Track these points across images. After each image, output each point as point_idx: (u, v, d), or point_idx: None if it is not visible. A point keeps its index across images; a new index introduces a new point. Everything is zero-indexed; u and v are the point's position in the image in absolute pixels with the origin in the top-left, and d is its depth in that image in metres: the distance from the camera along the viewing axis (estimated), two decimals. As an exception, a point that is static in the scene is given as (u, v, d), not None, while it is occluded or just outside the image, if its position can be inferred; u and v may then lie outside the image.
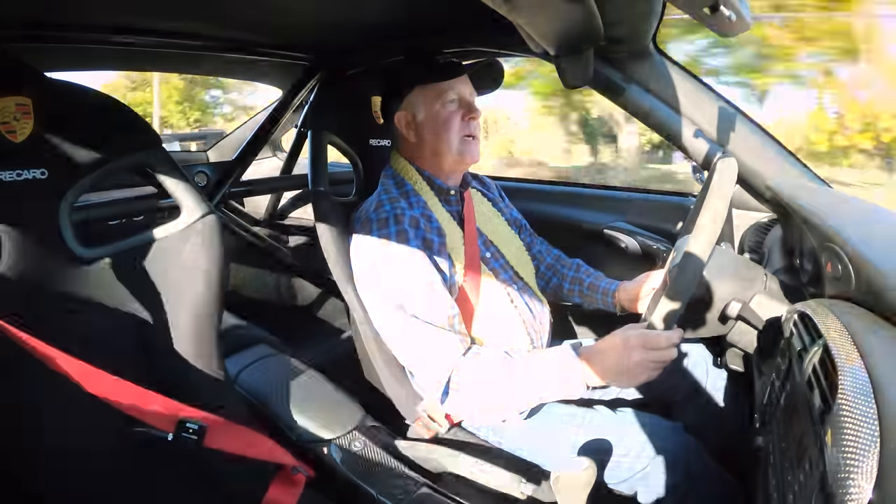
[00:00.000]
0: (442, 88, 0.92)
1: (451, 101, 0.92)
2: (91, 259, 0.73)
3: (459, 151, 0.93)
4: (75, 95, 0.70)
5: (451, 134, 0.92)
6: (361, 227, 0.87)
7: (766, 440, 0.57)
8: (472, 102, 0.94)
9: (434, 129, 0.92)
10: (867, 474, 0.33)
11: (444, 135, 0.92)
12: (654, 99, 0.99)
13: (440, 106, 0.92)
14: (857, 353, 0.44)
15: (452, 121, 0.92)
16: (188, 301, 0.79)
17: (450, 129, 0.92)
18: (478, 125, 0.95)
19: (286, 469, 0.78)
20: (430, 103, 0.92)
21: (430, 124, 0.93)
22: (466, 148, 0.93)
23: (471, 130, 0.93)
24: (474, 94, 0.97)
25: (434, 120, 0.92)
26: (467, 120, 0.93)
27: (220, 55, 1.23)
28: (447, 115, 0.92)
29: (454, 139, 0.92)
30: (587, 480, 0.63)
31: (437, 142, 0.93)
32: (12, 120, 0.63)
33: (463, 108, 0.93)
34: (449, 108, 0.92)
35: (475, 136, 0.95)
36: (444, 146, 0.92)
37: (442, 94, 0.92)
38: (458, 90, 0.93)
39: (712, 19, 0.60)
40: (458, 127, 0.92)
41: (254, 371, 1.06)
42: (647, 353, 0.67)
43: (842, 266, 0.59)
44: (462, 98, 0.93)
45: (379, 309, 0.84)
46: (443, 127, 0.92)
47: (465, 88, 0.94)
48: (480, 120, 0.97)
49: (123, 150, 0.74)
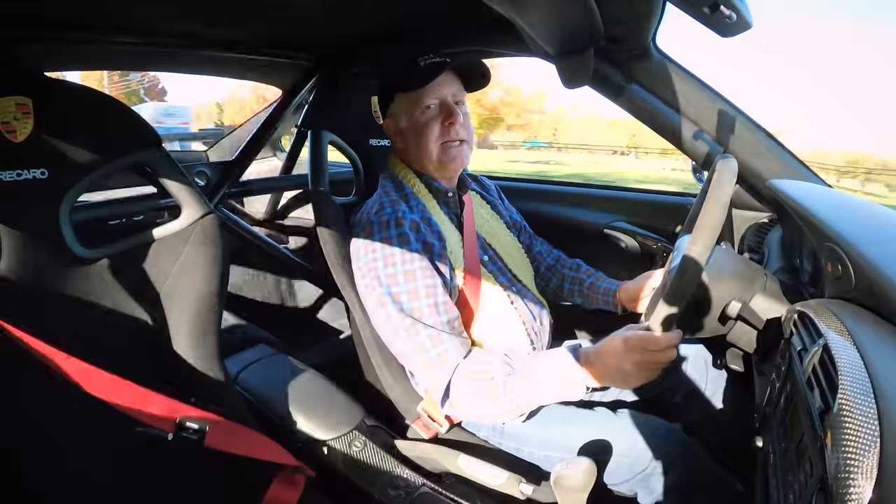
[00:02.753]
0: (420, 95, 0.90)
1: (428, 108, 0.90)
2: (91, 259, 0.73)
3: (440, 159, 0.92)
4: (75, 95, 0.70)
5: (430, 141, 0.90)
6: (362, 230, 0.87)
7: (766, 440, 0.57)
8: (452, 106, 0.91)
9: (415, 136, 0.92)
10: (867, 474, 0.33)
11: (423, 142, 0.91)
12: (655, 99, 1.00)
13: (419, 113, 0.90)
14: (857, 353, 0.44)
15: (430, 128, 0.90)
16: (188, 301, 0.79)
17: (428, 137, 0.90)
18: (463, 128, 0.92)
19: (286, 469, 0.78)
20: (410, 111, 0.91)
21: (411, 132, 0.92)
22: (447, 155, 0.92)
23: (452, 136, 0.91)
24: (461, 93, 0.94)
25: (414, 127, 0.92)
26: (447, 126, 0.90)
27: (220, 55, 1.23)
28: (425, 122, 0.90)
29: (433, 147, 0.91)
30: (587, 480, 0.63)
31: (419, 149, 0.92)
32: (12, 120, 0.63)
33: (442, 114, 0.91)
34: (427, 115, 0.90)
35: (462, 140, 0.92)
36: (423, 153, 0.92)
37: (419, 100, 0.90)
38: (438, 94, 0.90)
39: (712, 19, 0.60)
40: (437, 134, 0.90)
41: (254, 371, 1.06)
42: (646, 355, 0.68)
43: (842, 266, 0.59)
44: (442, 102, 0.91)
45: (379, 311, 0.84)
46: (421, 134, 0.91)
47: (447, 91, 0.91)
48: (470, 122, 0.95)
49: (123, 150, 0.74)
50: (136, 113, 0.77)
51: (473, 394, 0.77)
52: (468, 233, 0.95)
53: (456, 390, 0.79)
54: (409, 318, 0.80)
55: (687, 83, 0.98)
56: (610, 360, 0.71)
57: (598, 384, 0.73)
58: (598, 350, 0.73)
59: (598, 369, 0.72)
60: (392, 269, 0.81)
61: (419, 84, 0.89)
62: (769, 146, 1.00)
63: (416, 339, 0.79)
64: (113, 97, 0.75)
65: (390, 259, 0.82)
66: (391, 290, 0.81)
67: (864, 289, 0.55)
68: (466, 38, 1.10)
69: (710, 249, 0.60)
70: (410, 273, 0.81)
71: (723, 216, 0.61)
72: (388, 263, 0.82)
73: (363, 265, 0.85)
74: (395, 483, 0.82)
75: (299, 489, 0.77)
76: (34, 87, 0.65)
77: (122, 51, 1.14)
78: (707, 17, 0.60)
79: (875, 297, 0.53)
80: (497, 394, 0.76)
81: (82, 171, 0.70)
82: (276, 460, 0.77)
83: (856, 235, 0.61)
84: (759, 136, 0.99)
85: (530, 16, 0.66)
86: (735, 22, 0.60)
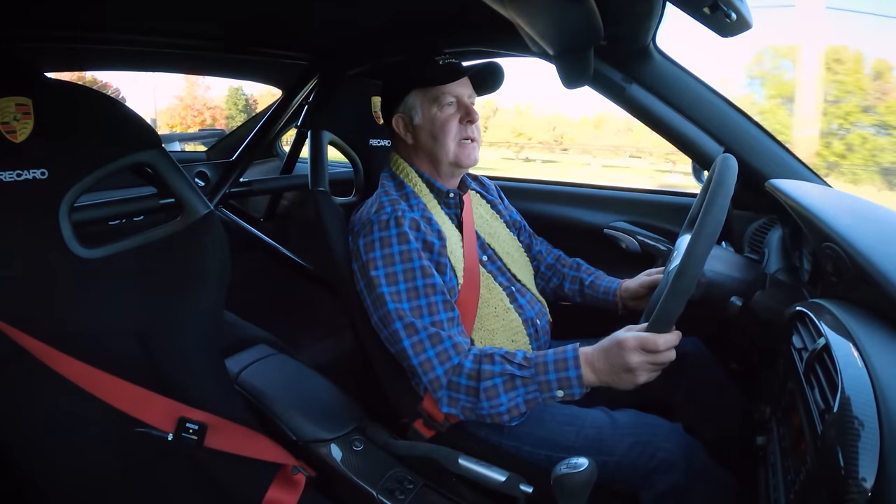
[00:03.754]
0: (439, 91, 0.90)
1: (448, 105, 0.91)
2: (91, 259, 0.73)
3: (456, 155, 0.92)
4: (75, 95, 0.70)
5: (448, 138, 0.91)
6: (362, 229, 0.87)
7: (767, 439, 0.57)
8: (469, 105, 0.92)
9: (431, 133, 0.92)
10: (868, 473, 0.33)
11: (441, 139, 0.91)
12: (655, 99, 1.00)
13: (437, 109, 0.91)
14: (857, 353, 0.44)
15: (449, 125, 0.91)
16: (188, 301, 0.79)
17: (447, 134, 0.91)
18: (476, 128, 0.94)
19: (286, 469, 0.78)
20: (427, 107, 0.91)
21: (426, 128, 0.92)
22: (463, 152, 0.92)
23: (468, 134, 0.92)
24: (473, 95, 0.95)
25: (431, 123, 0.91)
26: (465, 123, 0.91)
27: (219, 55, 1.23)
28: (444, 119, 0.91)
29: (451, 144, 0.91)
30: (587, 480, 0.63)
31: (434, 146, 0.92)
32: (12, 120, 0.63)
33: (461, 112, 0.91)
34: (446, 112, 0.91)
35: (474, 140, 0.93)
36: (440, 150, 0.92)
37: (439, 97, 0.90)
38: (456, 93, 0.91)
39: (712, 19, 0.60)
40: (456, 131, 0.91)
41: (254, 371, 1.06)
42: (644, 356, 0.68)
43: (842, 266, 0.59)
44: (460, 101, 0.92)
45: (379, 310, 0.84)
46: (440, 131, 0.91)
47: (464, 91, 0.92)
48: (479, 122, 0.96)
49: (123, 150, 0.74)
50: (137, 113, 0.77)
51: (473, 393, 0.77)
52: (468, 232, 0.95)
53: (455, 390, 0.79)
54: (408, 317, 0.80)
55: (687, 83, 0.98)
56: (609, 360, 0.71)
57: (597, 384, 0.73)
58: (597, 350, 0.73)
59: (598, 369, 0.72)
60: (391, 268, 0.81)
61: (444, 80, 0.89)
62: (769, 146, 1.00)
63: (416, 338, 0.79)
64: (113, 97, 0.75)
65: (389, 258, 0.82)
66: (390, 289, 0.81)
67: (864, 289, 0.55)
68: (467, 37, 1.10)
69: (710, 249, 0.60)
70: (409, 272, 0.81)
71: (723, 216, 0.61)
72: (387, 262, 0.82)
73: (362, 264, 0.85)
74: (395, 483, 0.82)
75: (299, 489, 0.77)
76: (34, 87, 0.65)
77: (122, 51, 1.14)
78: (707, 17, 0.60)
79: (875, 298, 0.53)
80: (497, 393, 0.76)
81: (82, 172, 0.70)
82: (276, 460, 0.77)
83: (856, 235, 0.61)
84: (759, 136, 0.99)
85: (530, 16, 0.66)
86: (735, 22, 0.60)
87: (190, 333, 0.80)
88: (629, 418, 0.85)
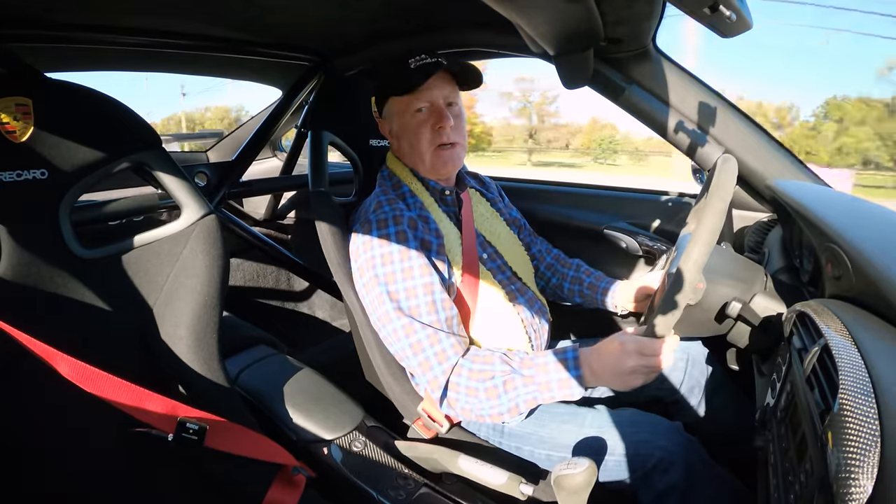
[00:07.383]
0: (410, 98, 0.90)
1: (418, 111, 0.90)
2: (91, 259, 0.73)
3: (432, 163, 0.92)
4: (75, 95, 0.70)
5: (421, 145, 0.91)
6: (360, 228, 0.87)
7: (766, 440, 0.57)
8: (442, 109, 0.90)
9: (407, 140, 0.92)
10: (868, 473, 0.33)
11: (415, 146, 0.91)
12: (655, 99, 1.00)
13: (409, 117, 0.91)
14: (857, 353, 0.44)
15: (420, 132, 0.90)
16: (188, 301, 0.79)
17: (419, 141, 0.90)
18: (455, 131, 0.91)
19: (286, 469, 0.78)
20: (401, 114, 0.92)
21: (403, 134, 0.93)
22: (439, 160, 0.91)
23: (443, 139, 0.90)
24: (454, 94, 0.93)
25: (405, 130, 0.92)
26: (437, 129, 0.90)
27: (220, 55, 1.23)
28: (415, 126, 0.90)
29: (424, 150, 0.91)
30: (587, 480, 0.63)
31: (411, 152, 0.93)
32: (12, 120, 0.63)
33: (433, 118, 0.90)
34: (418, 119, 0.90)
35: (454, 143, 0.92)
36: (416, 156, 0.92)
37: (410, 104, 0.90)
38: (428, 97, 0.90)
39: (712, 19, 0.60)
40: (428, 138, 0.90)
41: (254, 371, 1.06)
42: (642, 360, 0.68)
43: (842, 266, 0.59)
44: (433, 105, 0.90)
45: (378, 309, 0.84)
46: (413, 138, 0.91)
47: (439, 92, 0.90)
48: (464, 122, 0.94)
49: (123, 150, 0.74)
50: (137, 113, 0.77)
51: (472, 393, 0.77)
52: (467, 230, 0.95)
53: (454, 389, 0.79)
54: (406, 316, 0.80)
55: (687, 83, 0.98)
56: (608, 362, 0.71)
57: (595, 384, 0.74)
58: (596, 351, 0.73)
59: (596, 370, 0.72)
60: (390, 266, 0.82)
61: (408, 88, 0.89)
62: (769, 146, 1.00)
63: (414, 337, 0.79)
64: (113, 98, 0.75)
65: (388, 257, 0.82)
66: (389, 288, 0.81)
67: (864, 289, 0.55)
68: (467, 38, 1.10)
69: (710, 249, 0.60)
70: (408, 271, 0.81)
71: (723, 216, 0.61)
72: (385, 261, 0.82)
73: (361, 264, 0.85)
74: (396, 483, 0.82)
75: (299, 489, 0.77)
76: (34, 87, 0.65)
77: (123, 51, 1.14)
78: (707, 18, 0.60)
79: (875, 297, 0.53)
80: (496, 393, 0.76)
81: (82, 172, 0.70)
82: (276, 460, 0.77)
83: (856, 235, 0.61)
84: (758, 136, 0.99)
85: (530, 16, 0.66)
86: (735, 22, 0.60)
87: (190, 334, 0.79)
88: (629, 417, 0.85)
